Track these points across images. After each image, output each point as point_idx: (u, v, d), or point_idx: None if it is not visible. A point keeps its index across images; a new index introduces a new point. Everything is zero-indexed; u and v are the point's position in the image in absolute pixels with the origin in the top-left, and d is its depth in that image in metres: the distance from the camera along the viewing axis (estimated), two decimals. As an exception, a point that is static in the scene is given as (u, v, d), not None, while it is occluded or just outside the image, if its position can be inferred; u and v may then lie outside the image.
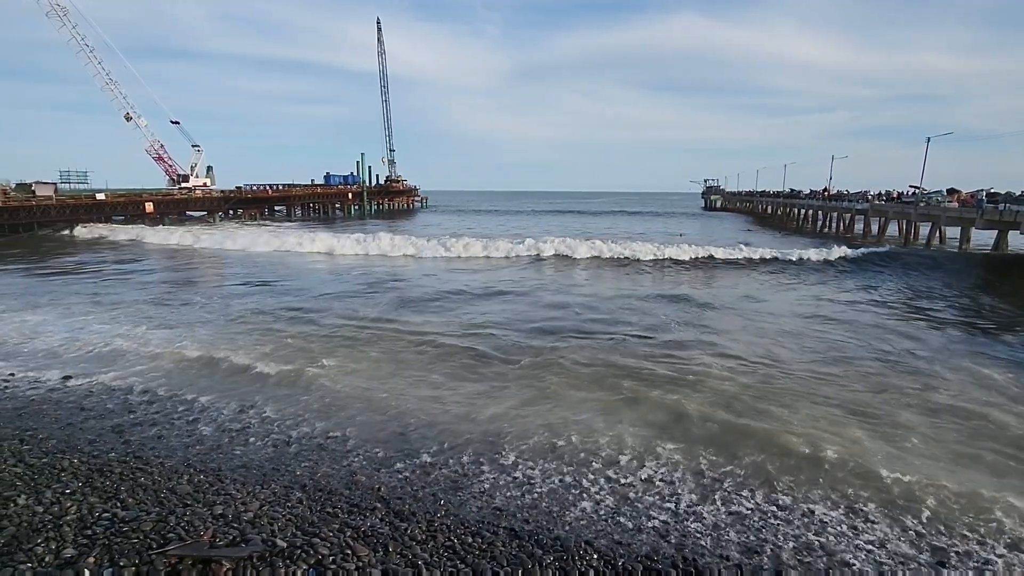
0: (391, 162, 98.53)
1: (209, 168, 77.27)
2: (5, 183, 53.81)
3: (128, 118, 68.10)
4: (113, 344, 13.30)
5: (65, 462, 6.92)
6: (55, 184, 59.28)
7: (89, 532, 5.12)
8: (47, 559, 4.62)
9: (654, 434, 8.65)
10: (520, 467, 7.56)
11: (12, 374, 11.06)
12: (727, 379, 11.19)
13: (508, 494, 6.82)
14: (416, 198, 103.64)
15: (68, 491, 6.03)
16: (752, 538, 6.02)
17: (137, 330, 14.69)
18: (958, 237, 33.35)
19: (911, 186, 44.64)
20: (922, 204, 38.34)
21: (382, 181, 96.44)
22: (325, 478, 7.02)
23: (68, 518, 5.36)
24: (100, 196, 56.90)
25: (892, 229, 43.21)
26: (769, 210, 77.44)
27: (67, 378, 10.86)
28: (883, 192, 48.55)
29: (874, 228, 44.34)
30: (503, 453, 7.94)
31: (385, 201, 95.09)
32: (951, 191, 39.56)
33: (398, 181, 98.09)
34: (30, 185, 54.08)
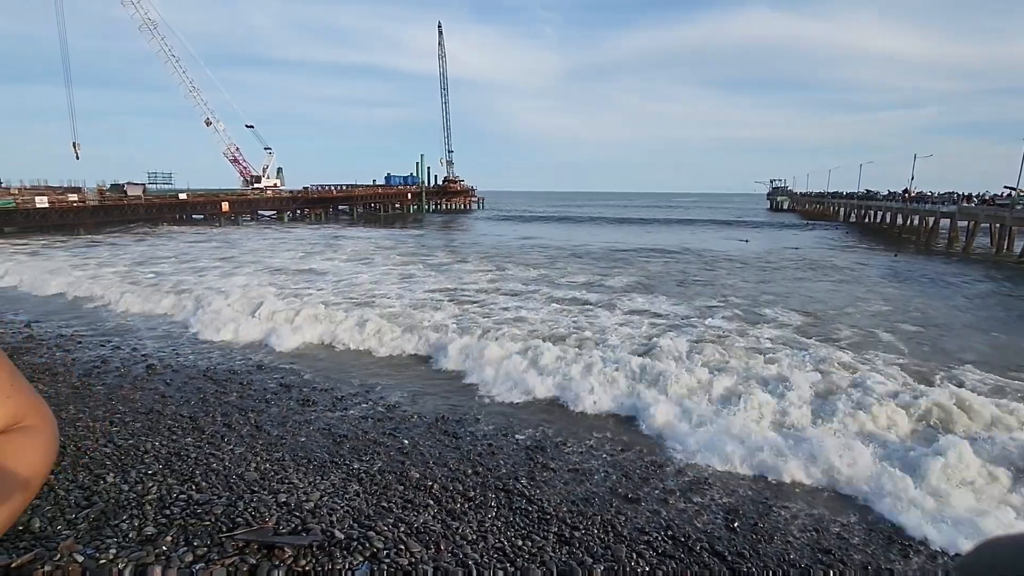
0: (449, 163, 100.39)
1: (279, 169, 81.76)
2: (101, 184, 59.01)
3: (208, 123, 73.13)
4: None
5: (148, 444, 7.47)
6: (144, 185, 64.49)
7: (167, 512, 5.49)
8: (131, 535, 5.00)
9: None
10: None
11: (104, 361, 12.07)
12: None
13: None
14: (473, 198, 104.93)
15: (150, 472, 6.51)
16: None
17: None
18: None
19: (1005, 187, 41.03)
20: (1019, 207, 35.09)
21: (440, 181, 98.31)
22: (380, 473, 7.23)
23: (149, 497, 5.78)
24: (182, 196, 61.27)
25: (982, 239, 39.73)
26: (842, 213, 73.13)
27: (151, 367, 11.73)
28: (961, 193, 44.88)
29: (962, 236, 40.90)
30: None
31: (443, 201, 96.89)
32: (1053, 194, 36.07)
33: (456, 181, 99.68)
34: (122, 186, 59.01)
